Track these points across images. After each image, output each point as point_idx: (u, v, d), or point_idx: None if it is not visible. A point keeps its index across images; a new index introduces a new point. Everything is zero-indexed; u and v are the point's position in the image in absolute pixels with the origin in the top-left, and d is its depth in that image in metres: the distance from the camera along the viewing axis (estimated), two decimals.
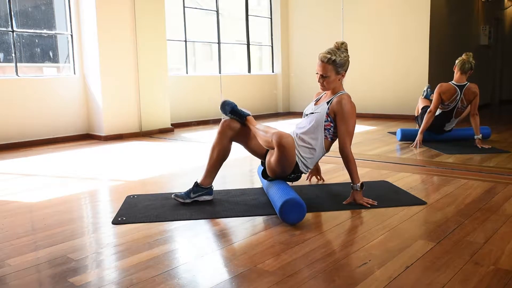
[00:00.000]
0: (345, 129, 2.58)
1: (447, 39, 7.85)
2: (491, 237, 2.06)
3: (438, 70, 7.34)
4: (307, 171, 2.71)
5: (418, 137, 4.56)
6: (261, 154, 2.72)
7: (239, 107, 2.72)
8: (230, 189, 2.99)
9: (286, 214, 2.26)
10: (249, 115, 2.70)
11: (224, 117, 2.73)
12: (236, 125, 2.68)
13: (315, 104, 2.78)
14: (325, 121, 2.63)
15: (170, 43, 6.80)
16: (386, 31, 7.60)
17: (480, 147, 4.34)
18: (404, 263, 1.79)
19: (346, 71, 2.66)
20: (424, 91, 5.32)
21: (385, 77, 7.69)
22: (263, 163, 2.78)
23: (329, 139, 2.67)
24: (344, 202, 2.62)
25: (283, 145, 2.40)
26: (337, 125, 2.61)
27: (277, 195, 2.40)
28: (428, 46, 7.21)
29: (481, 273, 1.70)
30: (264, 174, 2.74)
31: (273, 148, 2.48)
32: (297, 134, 2.69)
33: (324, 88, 2.67)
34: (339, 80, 2.65)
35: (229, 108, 2.68)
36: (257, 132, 2.60)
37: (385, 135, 5.56)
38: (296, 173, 2.62)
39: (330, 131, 2.65)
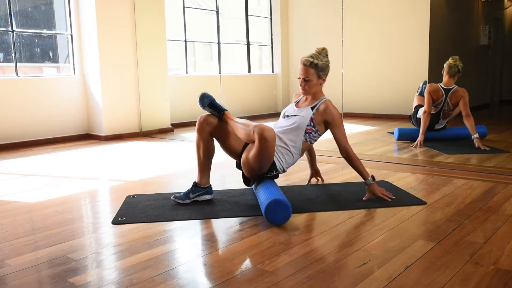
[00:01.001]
0: (340, 133, 2.67)
1: (447, 39, 7.86)
2: (491, 237, 2.06)
3: (438, 70, 7.31)
4: (282, 172, 2.71)
5: (420, 138, 4.56)
6: (236, 153, 2.67)
7: (216, 101, 2.68)
8: (230, 189, 2.98)
9: (272, 216, 2.25)
10: (226, 110, 2.67)
11: (203, 112, 2.69)
12: (213, 120, 2.64)
13: (296, 106, 2.80)
14: (307, 125, 2.66)
15: (170, 43, 6.80)
16: (386, 31, 7.60)
17: (481, 148, 4.25)
18: (404, 263, 1.79)
19: (326, 76, 2.72)
20: (419, 88, 5.32)
21: (385, 77, 7.69)
22: (238, 164, 2.75)
23: (308, 142, 2.71)
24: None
25: (265, 138, 2.37)
26: (332, 131, 2.68)
27: (262, 197, 2.39)
28: (428, 46, 7.21)
29: (481, 273, 1.70)
30: (245, 180, 2.72)
31: (253, 141, 2.44)
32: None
33: (305, 92, 2.71)
34: (320, 84, 2.71)
35: (208, 101, 2.64)
36: (236, 126, 2.55)
37: (385, 135, 5.56)
38: (272, 171, 2.60)
39: (311, 135, 2.68)
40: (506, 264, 1.78)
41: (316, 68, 2.64)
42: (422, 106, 5.04)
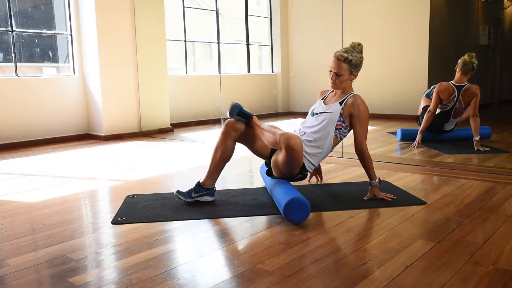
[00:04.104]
0: (362, 129, 2.64)
1: (447, 39, 7.86)
2: (490, 237, 2.06)
3: (438, 70, 7.34)
4: (312, 170, 2.72)
5: (418, 136, 4.55)
6: (265, 155, 2.70)
7: (243, 108, 2.70)
8: (230, 189, 2.98)
9: (291, 213, 2.26)
10: (253, 115, 2.69)
11: (228, 118, 2.72)
12: (240, 126, 2.66)
13: (324, 103, 2.78)
14: (337, 121, 2.64)
15: (170, 43, 6.80)
16: (386, 31, 7.61)
17: (481, 149, 4.23)
18: (404, 263, 1.79)
19: (358, 72, 2.68)
20: (427, 90, 5.31)
21: (384, 77, 7.69)
22: (267, 163, 2.77)
23: (338, 139, 2.69)
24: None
25: (291, 147, 2.40)
26: (354, 126, 2.65)
27: (281, 194, 2.40)
28: (427, 46, 7.21)
29: (481, 273, 1.70)
30: (268, 173, 2.74)
31: (280, 149, 2.47)
32: (304, 132, 2.69)
33: (335, 86, 2.68)
34: (351, 80, 2.68)
35: (237, 110, 2.66)
36: (262, 133, 2.59)
37: (384, 135, 5.56)
38: (302, 173, 2.62)
39: (341, 130, 2.67)
40: (506, 264, 1.78)
41: (349, 64, 2.61)
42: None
